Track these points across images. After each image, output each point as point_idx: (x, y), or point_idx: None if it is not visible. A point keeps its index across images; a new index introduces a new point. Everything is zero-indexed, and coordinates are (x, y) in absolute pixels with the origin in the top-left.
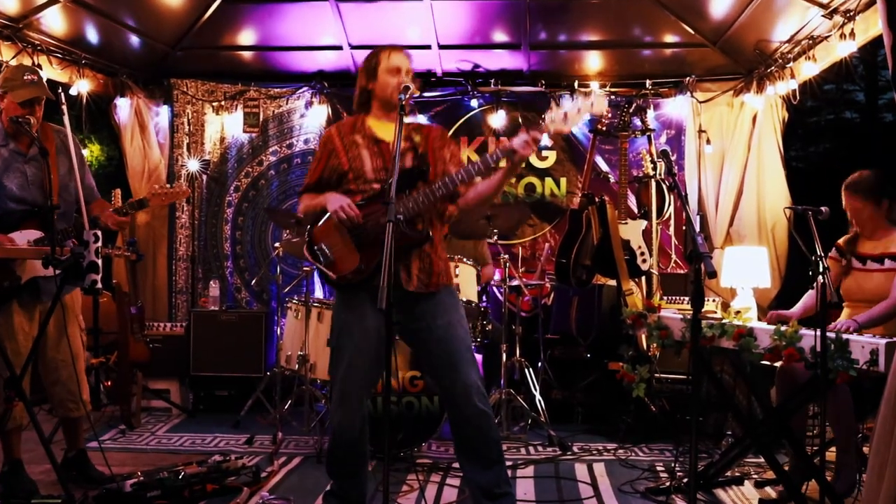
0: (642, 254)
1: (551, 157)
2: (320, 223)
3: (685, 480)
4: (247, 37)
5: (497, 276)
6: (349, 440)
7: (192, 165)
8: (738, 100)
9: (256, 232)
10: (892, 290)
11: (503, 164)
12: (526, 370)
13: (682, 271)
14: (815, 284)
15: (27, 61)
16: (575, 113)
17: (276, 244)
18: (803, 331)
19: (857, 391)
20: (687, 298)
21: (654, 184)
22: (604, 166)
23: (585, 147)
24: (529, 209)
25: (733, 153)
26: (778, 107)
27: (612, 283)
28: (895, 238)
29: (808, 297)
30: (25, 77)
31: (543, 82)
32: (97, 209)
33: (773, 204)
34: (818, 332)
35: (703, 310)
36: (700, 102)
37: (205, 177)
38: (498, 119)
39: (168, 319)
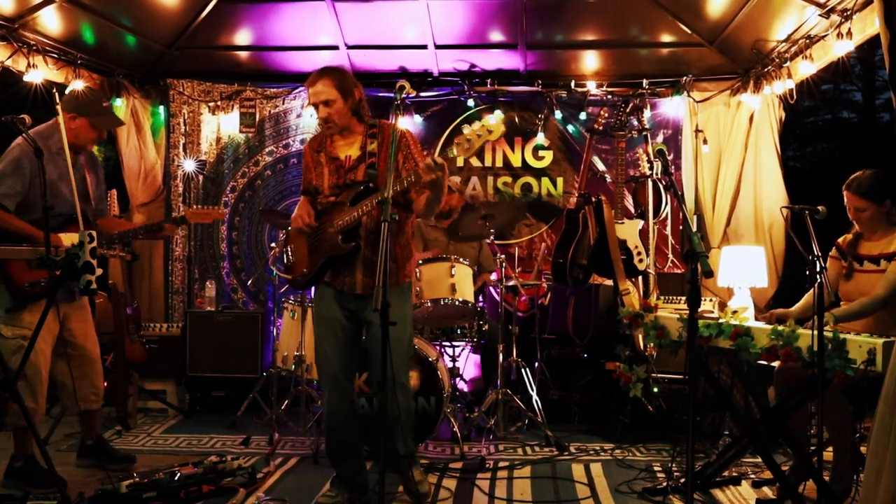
0: (639, 253)
1: (548, 156)
2: (291, 230)
3: (682, 480)
4: (243, 37)
5: (494, 276)
6: (337, 422)
7: (189, 166)
8: (735, 99)
9: (253, 232)
10: (877, 288)
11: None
12: (523, 370)
13: (678, 271)
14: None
15: (23, 61)
16: (474, 138)
17: (273, 244)
18: (800, 330)
19: (855, 391)
20: (684, 298)
21: (650, 183)
22: (600, 166)
23: (582, 147)
24: (525, 209)
25: (730, 153)
26: (775, 106)
27: (609, 282)
28: (892, 238)
29: (808, 297)
30: (104, 104)
31: (540, 82)
32: (111, 224)
33: (770, 203)
34: (815, 332)
35: (699, 309)
36: (697, 102)
37: (201, 177)
38: (494, 119)
39: (164, 320)
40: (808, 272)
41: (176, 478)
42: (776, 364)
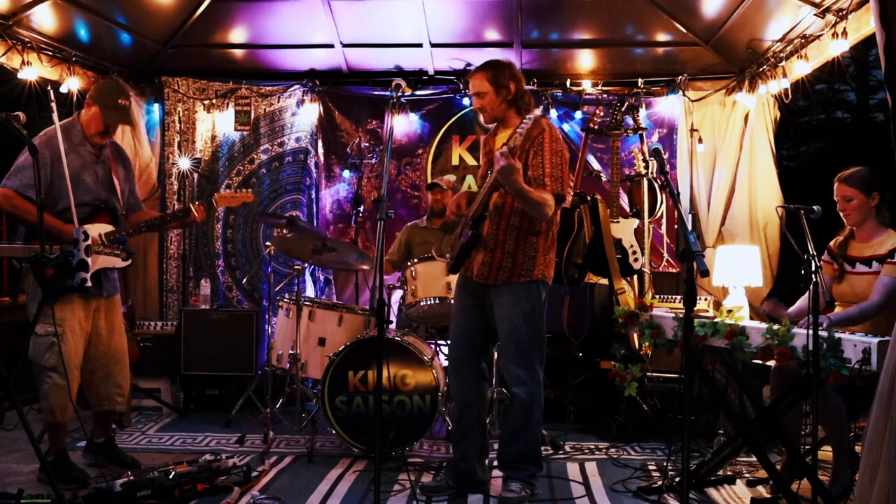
0: (634, 252)
1: None
2: None
3: (677, 479)
4: (238, 35)
5: None
6: (456, 406)
7: (183, 164)
8: (731, 99)
9: (248, 230)
10: (872, 295)
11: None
12: None
13: (673, 270)
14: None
15: (17, 59)
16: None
17: (268, 242)
18: (795, 329)
19: (850, 390)
20: (679, 297)
21: (645, 182)
22: (596, 165)
23: (577, 145)
24: None
25: (725, 152)
26: (770, 106)
27: (604, 281)
28: (884, 240)
29: (804, 300)
30: (120, 101)
31: (536, 81)
32: (143, 216)
33: (765, 203)
34: (810, 331)
35: (695, 308)
36: (692, 101)
37: (196, 175)
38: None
39: (159, 318)
40: (803, 272)
41: (170, 476)
42: (772, 363)
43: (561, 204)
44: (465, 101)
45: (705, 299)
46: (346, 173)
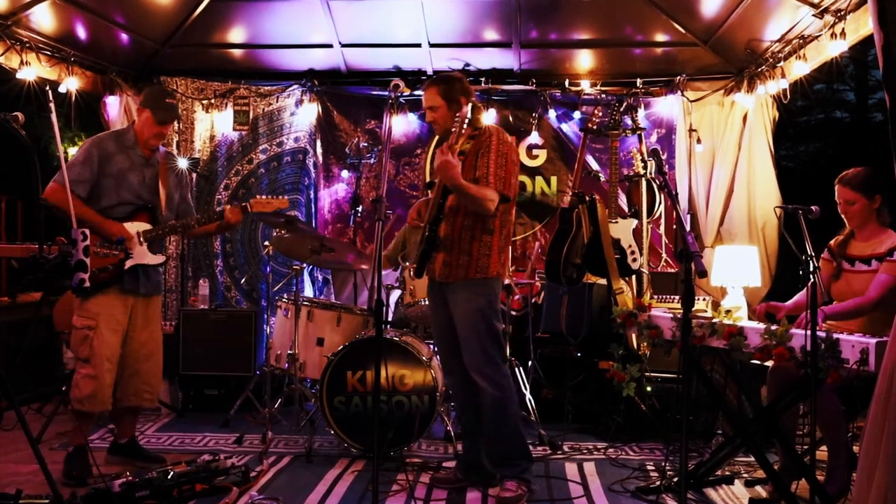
0: (632, 252)
1: (542, 155)
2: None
3: (675, 479)
4: (237, 34)
5: None
6: (456, 403)
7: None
8: (729, 99)
9: (246, 230)
10: (869, 290)
11: None
12: (516, 369)
13: (672, 270)
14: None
15: (15, 59)
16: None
17: (266, 242)
18: (793, 330)
19: (848, 391)
20: (677, 297)
21: (644, 182)
22: (594, 165)
23: (576, 146)
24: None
25: (724, 152)
26: (768, 106)
27: (603, 281)
28: (883, 239)
29: (801, 294)
30: (168, 101)
31: (534, 81)
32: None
33: (764, 203)
34: (808, 332)
35: (693, 309)
36: (691, 101)
37: (195, 175)
38: (488, 118)
39: None
40: (801, 272)
41: (169, 476)
42: (770, 363)
43: (506, 203)
44: None
45: (703, 299)
46: (345, 173)
